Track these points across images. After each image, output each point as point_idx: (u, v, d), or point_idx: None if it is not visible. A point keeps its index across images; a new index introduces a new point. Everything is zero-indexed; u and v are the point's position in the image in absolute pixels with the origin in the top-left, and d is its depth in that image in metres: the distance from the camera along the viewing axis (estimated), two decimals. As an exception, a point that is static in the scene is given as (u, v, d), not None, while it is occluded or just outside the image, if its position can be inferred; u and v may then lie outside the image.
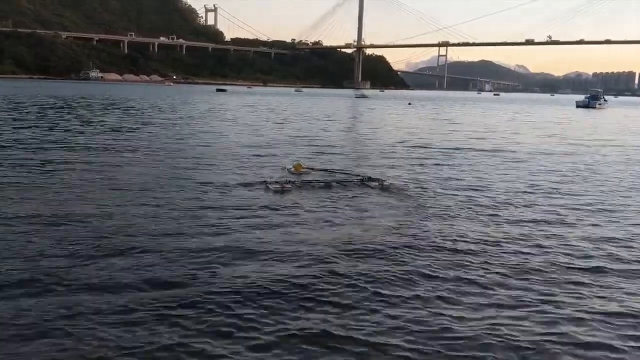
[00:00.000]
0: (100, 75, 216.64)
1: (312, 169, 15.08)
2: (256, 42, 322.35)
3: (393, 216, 10.51)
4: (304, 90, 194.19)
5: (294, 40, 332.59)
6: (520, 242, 9.04)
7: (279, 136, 27.09)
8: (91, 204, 10.62)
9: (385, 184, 13.47)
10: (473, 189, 13.78)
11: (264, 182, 13.23)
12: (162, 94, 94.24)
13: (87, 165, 15.88)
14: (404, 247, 8.38)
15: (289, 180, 13.26)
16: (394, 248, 8.33)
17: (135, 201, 11.08)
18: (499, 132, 35.18)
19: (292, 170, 14.92)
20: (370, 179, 13.80)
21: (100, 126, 29.33)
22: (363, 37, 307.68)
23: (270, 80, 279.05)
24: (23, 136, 22.78)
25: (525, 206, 11.94)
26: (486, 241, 8.95)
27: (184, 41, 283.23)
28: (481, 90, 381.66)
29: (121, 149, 19.59)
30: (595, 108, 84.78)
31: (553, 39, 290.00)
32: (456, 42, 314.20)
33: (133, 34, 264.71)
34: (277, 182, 13.00)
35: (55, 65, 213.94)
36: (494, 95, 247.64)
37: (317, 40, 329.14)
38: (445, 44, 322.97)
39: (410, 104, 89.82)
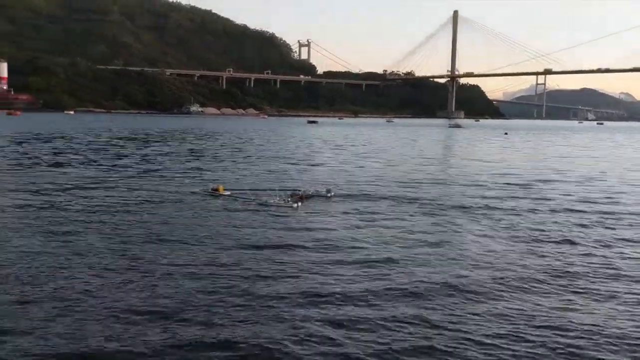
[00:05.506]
0: (200, 109, 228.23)
1: (232, 189, 18.16)
2: (347, 74, 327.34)
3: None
4: (395, 120, 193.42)
5: (385, 70, 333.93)
6: None
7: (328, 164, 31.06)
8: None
9: (333, 194, 18.26)
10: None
11: (271, 203, 16.78)
12: (256, 126, 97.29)
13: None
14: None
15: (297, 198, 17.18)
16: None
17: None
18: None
19: (211, 191, 17.87)
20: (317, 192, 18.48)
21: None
22: (456, 66, 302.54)
23: (361, 111, 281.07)
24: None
25: None
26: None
27: (278, 75, 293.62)
28: (583, 118, 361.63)
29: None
30: None
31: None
32: (555, 69, 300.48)
33: (231, 69, 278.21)
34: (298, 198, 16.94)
35: (160, 100, 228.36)
36: (597, 124, 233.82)
37: (409, 71, 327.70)
38: (544, 72, 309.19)
39: (506, 133, 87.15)
